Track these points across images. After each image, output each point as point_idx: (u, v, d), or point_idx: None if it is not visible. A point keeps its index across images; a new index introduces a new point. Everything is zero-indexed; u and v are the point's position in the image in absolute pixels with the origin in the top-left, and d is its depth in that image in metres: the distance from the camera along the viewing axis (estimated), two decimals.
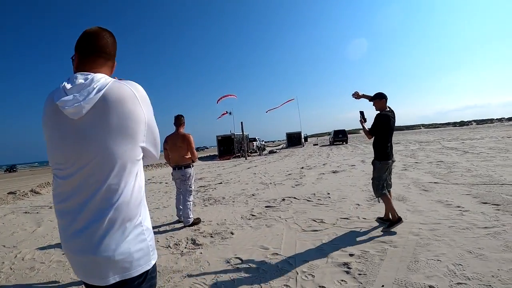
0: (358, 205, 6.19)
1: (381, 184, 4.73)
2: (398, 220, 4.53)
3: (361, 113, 5.16)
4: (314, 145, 45.73)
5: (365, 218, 5.23)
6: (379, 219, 4.96)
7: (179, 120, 6.04)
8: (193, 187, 6.10)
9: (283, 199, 7.41)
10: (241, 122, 30.88)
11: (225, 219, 6.07)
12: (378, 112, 4.79)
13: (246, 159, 27.16)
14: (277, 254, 4.07)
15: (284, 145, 48.27)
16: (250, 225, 5.52)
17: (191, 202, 5.96)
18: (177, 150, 5.91)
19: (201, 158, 33.95)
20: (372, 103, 4.90)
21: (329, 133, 47.43)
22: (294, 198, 7.47)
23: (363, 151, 22.48)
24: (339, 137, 38.66)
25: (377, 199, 4.91)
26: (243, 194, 8.73)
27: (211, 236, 5.07)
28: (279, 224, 5.38)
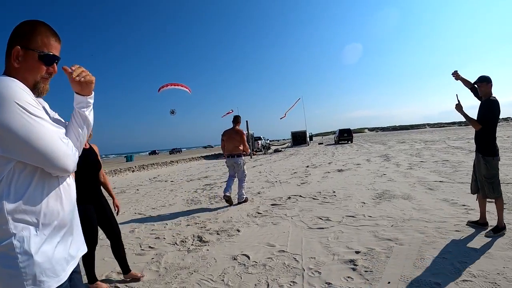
0: (364, 203, 6.20)
1: (497, 182, 4.14)
2: (504, 227, 4.04)
3: (457, 96, 4.36)
4: (319, 144, 45.67)
5: (370, 216, 5.24)
6: (472, 223, 4.43)
7: (236, 119, 7.65)
8: (246, 172, 7.54)
9: (289, 197, 7.44)
10: (246, 121, 30.90)
11: (231, 217, 6.11)
12: (488, 98, 4.15)
13: (251, 157, 27.18)
14: (283, 251, 4.10)
15: (289, 144, 48.25)
16: (256, 222, 5.56)
17: (245, 184, 7.49)
18: (232, 141, 7.39)
19: (206, 157, 34.01)
20: (464, 89, 4.43)
21: (334, 132, 47.30)
22: (300, 196, 7.49)
23: (368, 150, 22.44)
24: (344, 136, 38.57)
25: (479, 199, 4.35)
26: (249, 192, 8.74)
27: (218, 234, 5.10)
28: (285, 222, 5.41)
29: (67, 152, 1.33)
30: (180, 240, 4.95)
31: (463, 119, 4.39)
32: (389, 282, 3.03)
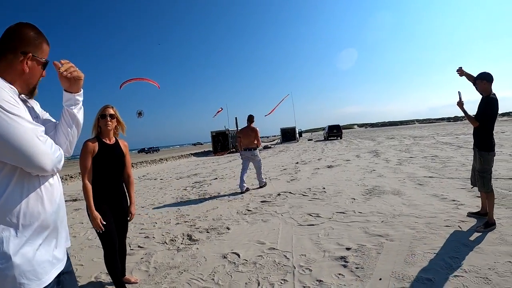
0: (354, 199, 6.20)
1: (488, 177, 4.23)
2: (494, 223, 4.07)
3: (460, 93, 4.45)
4: (308, 140, 45.76)
5: (361, 212, 5.23)
6: (473, 214, 4.56)
7: (250, 119, 8.85)
8: (261, 162, 8.93)
9: (279, 194, 7.41)
10: (235, 118, 30.88)
11: (221, 215, 6.05)
12: (487, 95, 4.22)
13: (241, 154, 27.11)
14: (273, 248, 4.06)
15: (279, 141, 48.24)
16: (246, 220, 5.51)
17: (262, 169, 8.99)
18: (248, 137, 8.63)
19: (195, 154, 33.88)
20: (470, 83, 4.47)
21: (323, 128, 47.41)
22: (290, 193, 7.47)
23: (357, 146, 22.55)
24: (334, 132, 38.74)
25: (477, 191, 4.50)
26: (239, 189, 8.70)
27: (207, 232, 5.05)
28: (275, 219, 5.38)
29: (45, 150, 1.29)
30: (169, 239, 4.88)
31: (451, 115, 4.44)
32: (380, 279, 3.01)
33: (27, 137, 1.23)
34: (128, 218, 3.37)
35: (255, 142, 8.64)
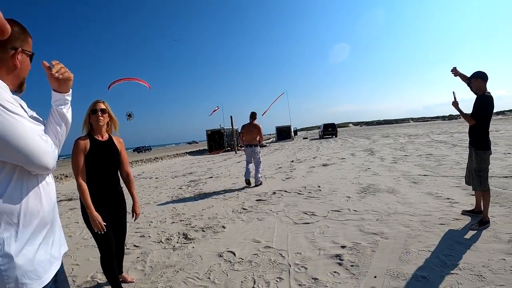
0: (349, 197, 6.22)
1: (485, 176, 4.22)
2: (488, 221, 4.10)
3: (454, 94, 4.49)
4: (304, 138, 45.79)
5: (356, 211, 5.25)
6: (467, 212, 4.59)
7: (253, 115, 9.11)
8: (261, 160, 9.18)
9: (274, 193, 7.42)
10: (231, 117, 30.85)
11: (217, 213, 6.05)
12: (481, 94, 4.23)
13: (236, 153, 27.12)
14: (269, 247, 4.07)
15: (274, 139, 48.26)
16: (241, 218, 5.52)
17: (261, 169, 9.08)
18: (250, 133, 8.88)
19: (190, 153, 33.82)
20: (465, 84, 4.50)
21: (318, 127, 47.47)
22: (285, 191, 7.48)
23: (352, 144, 22.61)
24: (329, 130, 38.81)
25: (473, 191, 4.49)
26: (234, 188, 8.72)
27: (203, 230, 5.04)
28: (270, 218, 5.38)
29: (47, 149, 1.31)
30: (165, 238, 4.88)
31: (446, 114, 4.45)
32: (375, 276, 3.03)
33: (31, 136, 1.24)
34: (133, 219, 3.31)
35: (257, 138, 8.87)
